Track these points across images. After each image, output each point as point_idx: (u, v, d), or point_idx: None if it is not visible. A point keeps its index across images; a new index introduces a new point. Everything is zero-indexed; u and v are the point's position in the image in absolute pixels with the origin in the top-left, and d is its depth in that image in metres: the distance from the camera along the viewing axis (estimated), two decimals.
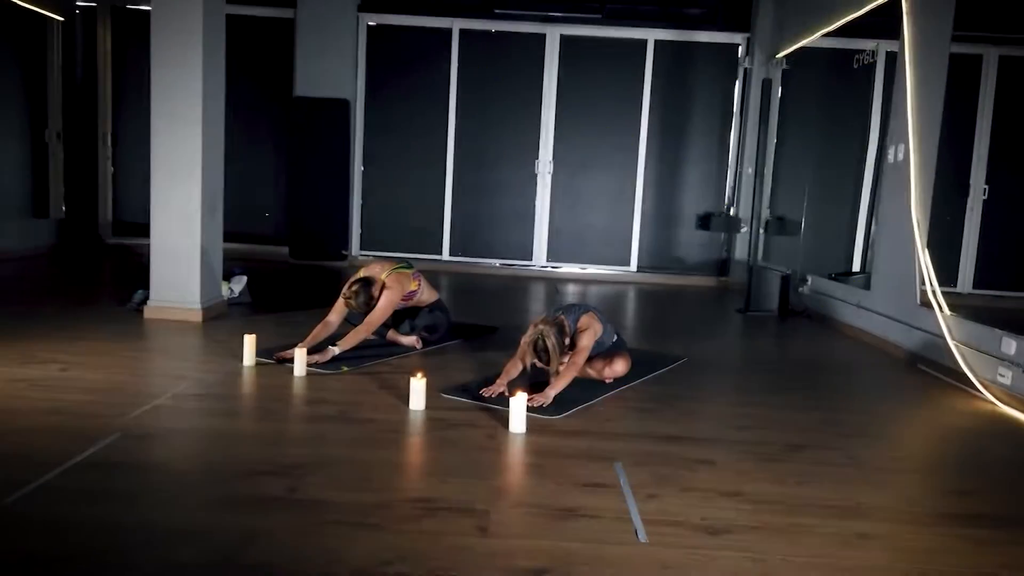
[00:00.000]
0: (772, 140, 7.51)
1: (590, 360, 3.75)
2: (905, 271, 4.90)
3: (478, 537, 2.12)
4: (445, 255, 8.44)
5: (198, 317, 4.83)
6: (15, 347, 3.94)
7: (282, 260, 8.33)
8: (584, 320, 3.64)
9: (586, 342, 3.57)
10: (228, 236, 8.76)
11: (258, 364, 3.85)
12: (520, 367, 3.56)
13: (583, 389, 3.61)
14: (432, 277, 5.34)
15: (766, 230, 7.43)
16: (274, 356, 3.91)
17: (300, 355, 3.69)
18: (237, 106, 8.30)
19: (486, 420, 3.16)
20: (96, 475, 2.43)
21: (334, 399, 3.37)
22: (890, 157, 5.21)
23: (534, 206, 8.38)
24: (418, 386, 3.22)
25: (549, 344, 3.39)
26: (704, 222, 8.33)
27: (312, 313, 4.82)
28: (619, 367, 3.77)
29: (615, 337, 3.90)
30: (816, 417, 3.48)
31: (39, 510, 2.19)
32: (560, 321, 3.54)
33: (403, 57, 8.31)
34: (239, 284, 5.55)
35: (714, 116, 8.26)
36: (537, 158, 8.32)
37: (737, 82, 8.15)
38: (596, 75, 8.19)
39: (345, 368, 3.84)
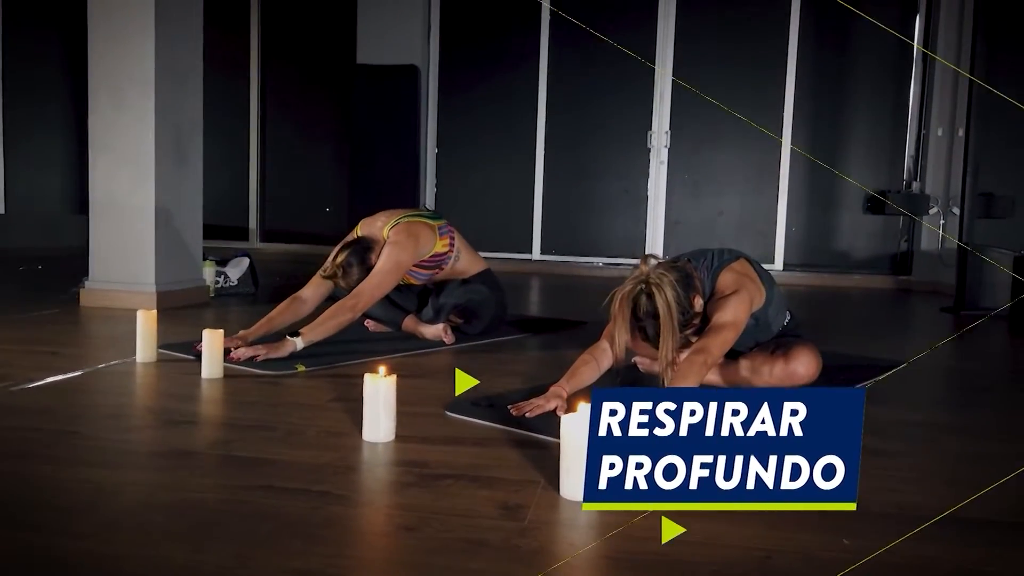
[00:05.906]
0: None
1: (742, 353, 1.96)
2: None
3: None
4: (535, 253, 6.75)
5: (152, 303, 3.34)
6: None
7: None
8: (731, 275, 1.86)
9: (733, 315, 1.79)
10: (284, 236, 7.71)
11: (161, 360, 2.29)
12: (603, 361, 1.82)
13: None
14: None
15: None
16: (192, 348, 2.34)
17: (210, 342, 2.09)
18: (293, 81, 7.17)
19: (514, 468, 1.43)
20: None
21: (240, 419, 1.74)
22: None
23: (646, 190, 6.59)
24: (379, 392, 1.53)
25: (660, 302, 1.64)
26: (875, 204, 6.28)
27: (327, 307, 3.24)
28: (802, 365, 1.91)
29: (788, 316, 2.09)
30: None
31: None
32: (685, 268, 1.79)
33: (484, 14, 6.80)
34: (237, 269, 4.08)
35: (886, 63, 6.25)
36: (650, 129, 6.55)
37: (918, 16, 6.12)
38: (725, 17, 6.37)
39: (301, 367, 2.22)
